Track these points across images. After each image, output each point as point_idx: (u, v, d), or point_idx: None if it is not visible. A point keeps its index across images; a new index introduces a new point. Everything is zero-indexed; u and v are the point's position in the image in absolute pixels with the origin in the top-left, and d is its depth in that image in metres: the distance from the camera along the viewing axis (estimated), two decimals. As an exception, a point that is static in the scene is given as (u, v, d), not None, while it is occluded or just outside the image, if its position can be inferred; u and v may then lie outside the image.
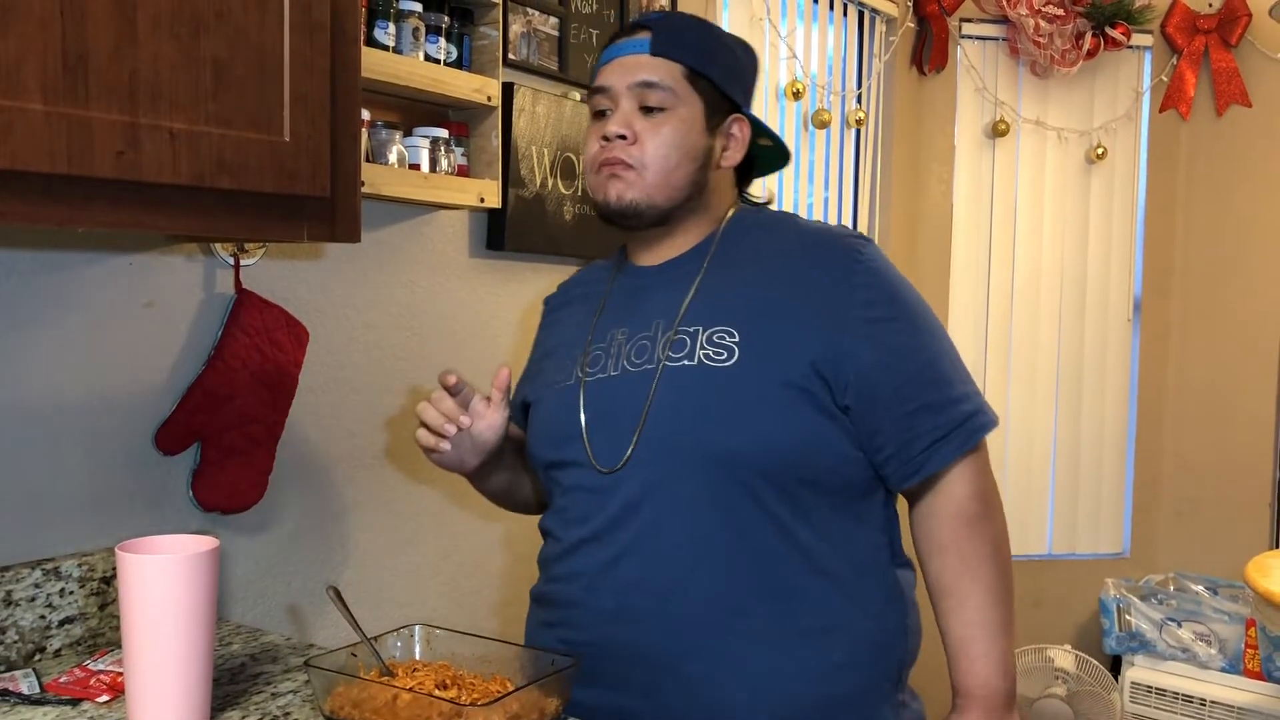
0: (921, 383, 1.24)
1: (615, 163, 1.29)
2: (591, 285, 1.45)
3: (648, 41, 1.30)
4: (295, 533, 1.71)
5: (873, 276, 1.26)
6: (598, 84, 1.33)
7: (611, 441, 1.26)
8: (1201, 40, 3.51)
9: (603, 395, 1.30)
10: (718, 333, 1.24)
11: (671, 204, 1.31)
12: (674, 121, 1.29)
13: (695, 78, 1.30)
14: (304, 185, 1.19)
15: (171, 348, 1.52)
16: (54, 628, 1.37)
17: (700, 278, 1.31)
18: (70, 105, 0.98)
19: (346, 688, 1.17)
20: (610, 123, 1.29)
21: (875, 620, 1.28)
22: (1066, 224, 3.60)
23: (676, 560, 1.23)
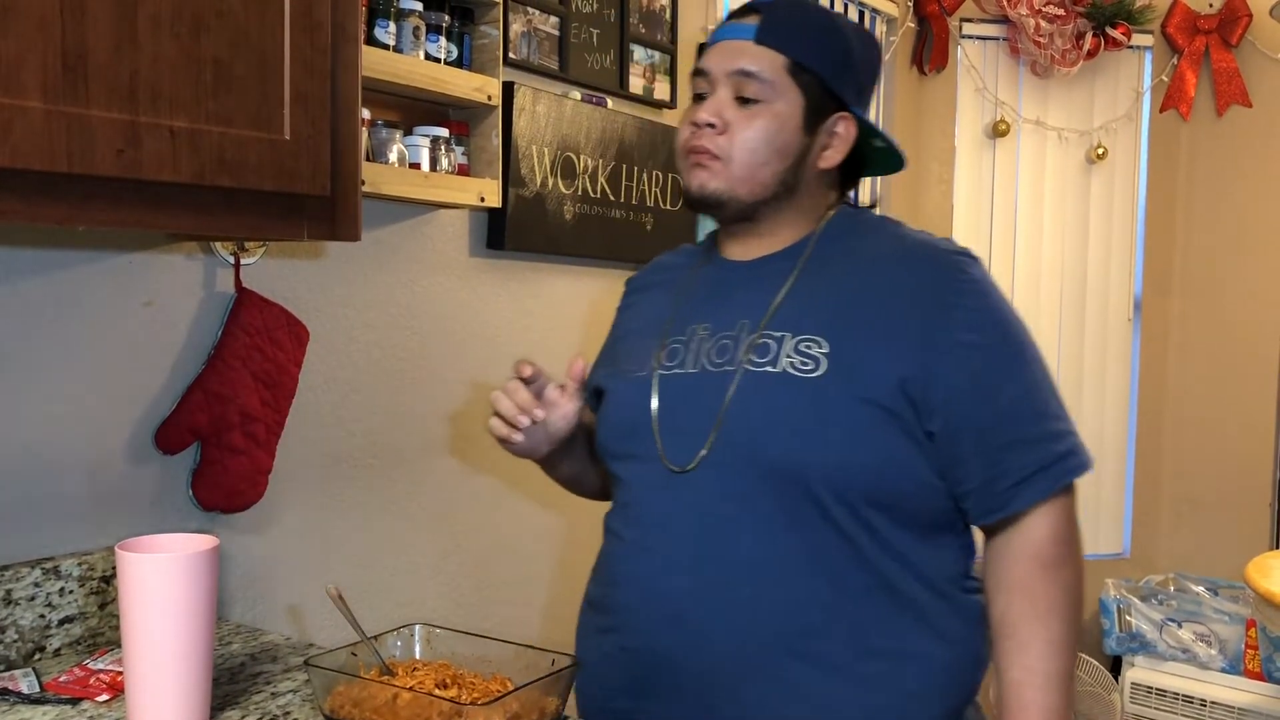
0: (1014, 416, 1.17)
1: (701, 151, 1.24)
2: (675, 271, 1.40)
3: (755, 27, 1.23)
4: (295, 532, 1.71)
5: (976, 298, 1.20)
6: (699, 66, 1.27)
7: (684, 440, 1.21)
8: (1202, 40, 3.51)
9: (678, 391, 1.24)
10: (805, 341, 1.18)
11: (755, 200, 1.24)
12: (768, 115, 1.22)
13: (799, 71, 1.23)
14: (304, 184, 1.19)
15: (171, 347, 1.52)
16: (54, 627, 1.37)
17: (792, 280, 1.24)
18: (70, 104, 0.98)
19: (346, 687, 1.17)
20: (702, 109, 1.24)
21: (951, 648, 1.21)
22: (1067, 224, 3.60)
23: (744, 573, 1.16)
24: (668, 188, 2.38)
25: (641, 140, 2.28)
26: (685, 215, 2.43)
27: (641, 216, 2.31)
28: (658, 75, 2.39)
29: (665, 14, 2.40)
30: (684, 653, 1.19)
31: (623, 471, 1.30)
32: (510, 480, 2.12)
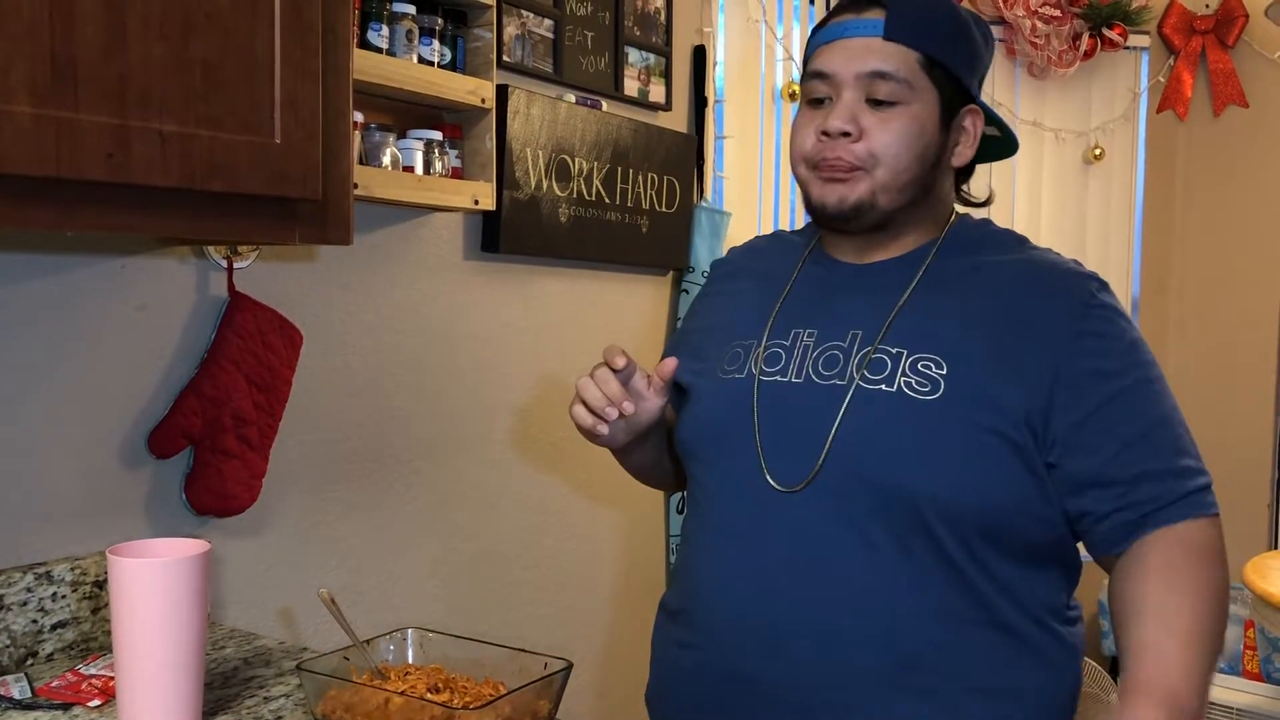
0: (1145, 449, 1.11)
1: (836, 164, 1.15)
2: (774, 262, 1.31)
3: (881, 23, 1.14)
4: (288, 536, 1.71)
5: (1106, 325, 1.13)
6: (816, 68, 1.18)
7: (788, 457, 1.14)
8: (1198, 41, 3.51)
9: (781, 402, 1.17)
10: (924, 360, 1.12)
11: (894, 208, 1.17)
12: (906, 117, 1.15)
13: (932, 66, 1.16)
14: (295, 188, 1.19)
15: (164, 350, 1.52)
16: (46, 632, 1.37)
17: (910, 292, 1.17)
18: (59, 108, 0.98)
19: (339, 691, 1.17)
20: (833, 115, 1.15)
21: (1052, 679, 1.16)
22: (1064, 225, 3.59)
23: (846, 600, 1.11)
24: (663, 190, 2.37)
25: (636, 143, 2.28)
26: (681, 217, 2.43)
27: (637, 219, 2.31)
28: (652, 78, 2.39)
29: (660, 16, 2.40)
30: (779, 681, 1.13)
31: (710, 478, 1.23)
32: (504, 484, 2.12)
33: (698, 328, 1.37)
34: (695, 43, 2.53)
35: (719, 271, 1.41)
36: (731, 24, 2.70)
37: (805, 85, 1.21)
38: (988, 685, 1.13)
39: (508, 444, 2.11)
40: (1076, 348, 1.11)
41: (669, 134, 2.38)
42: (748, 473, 1.17)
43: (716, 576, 1.19)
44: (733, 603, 1.16)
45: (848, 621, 1.11)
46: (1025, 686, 1.14)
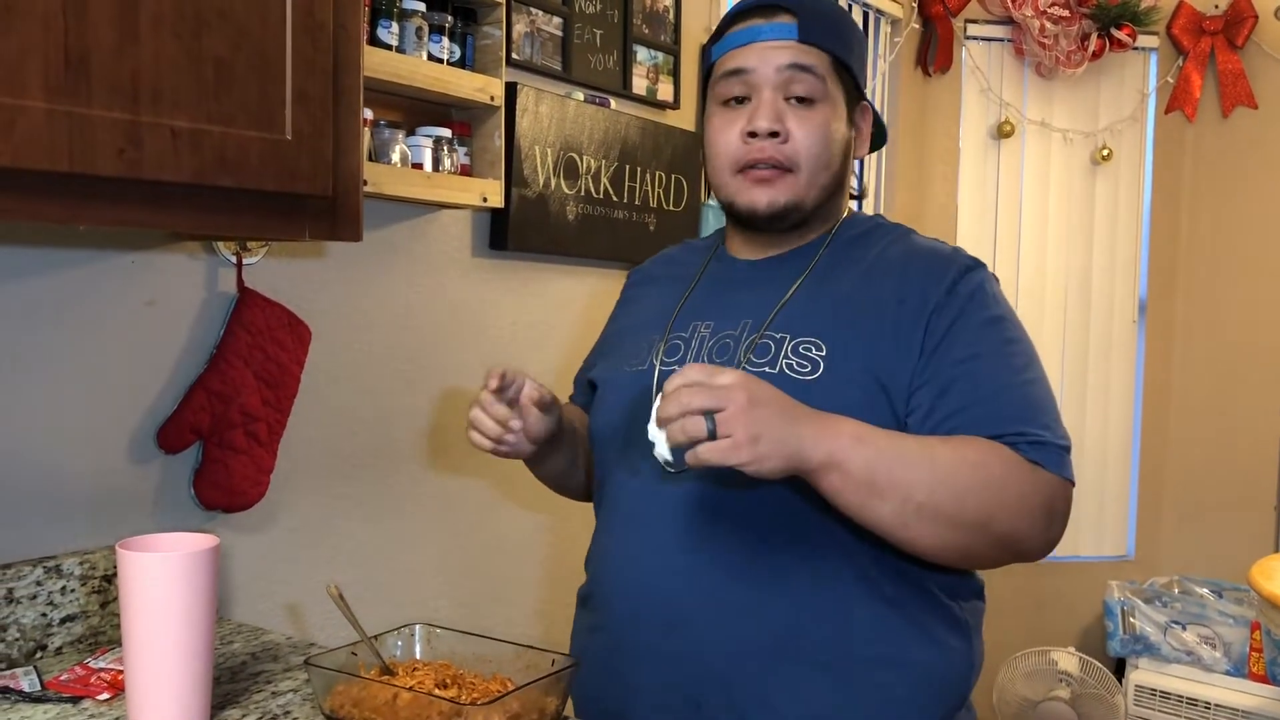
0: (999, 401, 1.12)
1: (764, 164, 1.19)
2: (680, 267, 1.37)
3: (795, 26, 1.19)
4: (296, 531, 1.71)
5: (968, 301, 1.16)
6: (734, 66, 1.21)
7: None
8: (1207, 42, 3.50)
9: None
10: (804, 343, 1.16)
11: (818, 204, 1.22)
12: (823, 115, 1.20)
13: (839, 68, 1.21)
14: (305, 184, 1.19)
15: (173, 346, 1.52)
16: (55, 625, 1.37)
17: (799, 283, 1.22)
18: (72, 103, 0.98)
19: (347, 686, 1.17)
20: (758, 116, 1.18)
21: (944, 655, 1.19)
22: (1071, 226, 3.59)
23: (736, 574, 1.16)
24: (670, 188, 2.38)
25: (645, 141, 2.28)
26: (688, 216, 2.43)
27: (644, 217, 2.31)
28: (661, 76, 2.39)
29: (669, 14, 2.40)
30: (677, 653, 1.18)
31: (614, 465, 1.28)
32: (511, 480, 2.12)
33: (611, 332, 1.44)
34: (704, 41, 2.53)
35: (631, 280, 1.48)
36: None
37: (719, 86, 1.23)
38: (876, 658, 1.15)
39: (514, 441, 2.11)
40: (944, 310, 1.15)
41: (677, 132, 2.38)
42: (642, 465, 1.22)
43: (618, 556, 1.25)
44: (634, 580, 1.22)
45: (739, 594, 1.15)
46: (912, 660, 1.17)
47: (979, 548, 1.10)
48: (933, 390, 1.14)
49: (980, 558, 1.13)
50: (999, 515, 1.07)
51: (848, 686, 1.15)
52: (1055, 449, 1.12)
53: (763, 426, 0.99)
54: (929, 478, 1.05)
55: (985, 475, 1.07)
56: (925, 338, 1.15)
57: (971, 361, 1.14)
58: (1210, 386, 3.59)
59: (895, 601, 1.17)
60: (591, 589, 1.32)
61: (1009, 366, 1.15)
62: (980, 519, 1.07)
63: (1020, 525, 1.09)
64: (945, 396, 1.13)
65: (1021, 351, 1.17)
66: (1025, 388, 1.14)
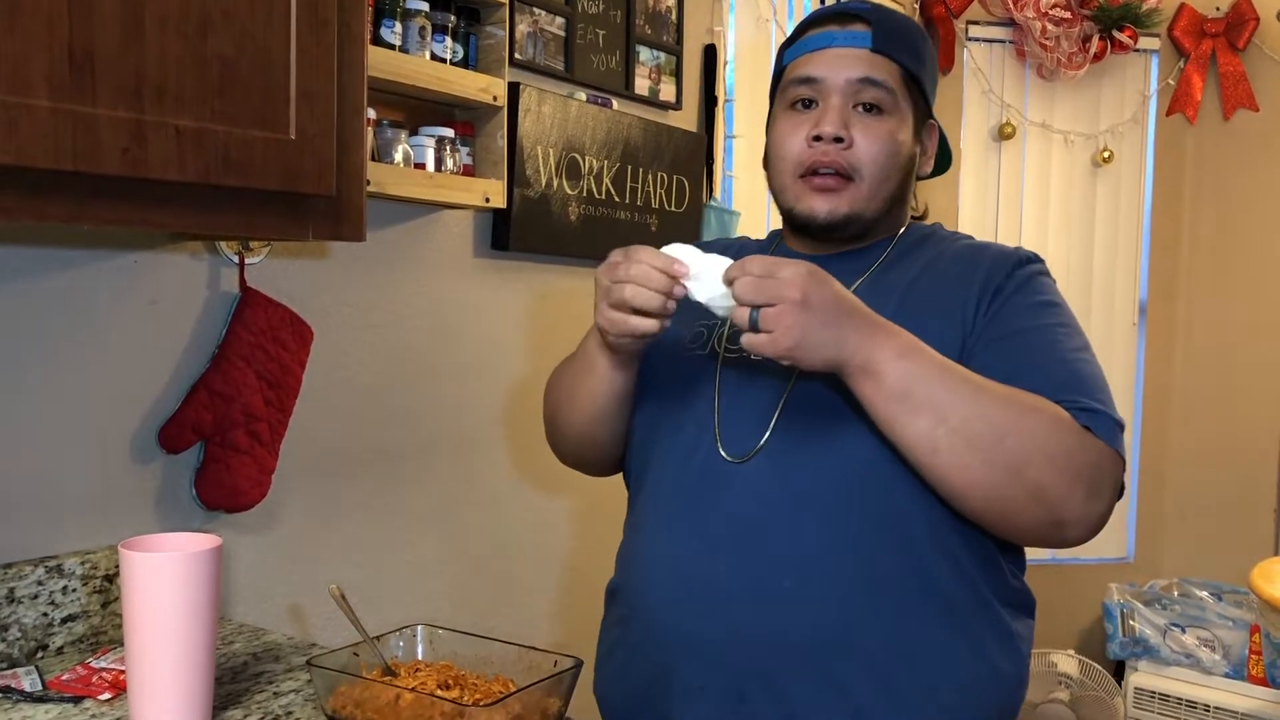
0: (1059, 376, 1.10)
1: (827, 170, 1.18)
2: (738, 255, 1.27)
3: (869, 35, 1.19)
4: (298, 532, 1.71)
5: (1025, 283, 1.17)
6: (804, 74, 1.21)
7: (741, 429, 1.17)
8: (1209, 44, 3.50)
9: (739, 377, 1.20)
10: None
11: (877, 216, 1.22)
12: (890, 126, 1.20)
13: (910, 81, 1.21)
14: (309, 184, 1.19)
15: (175, 346, 1.52)
16: (56, 625, 1.37)
17: (860, 282, 1.21)
18: (76, 102, 0.98)
19: (349, 687, 1.17)
20: (824, 120, 1.18)
21: (992, 672, 1.16)
22: (1072, 227, 3.59)
23: (787, 564, 1.12)
24: (673, 189, 2.37)
25: (647, 141, 2.28)
26: (690, 217, 2.43)
27: (647, 218, 2.31)
28: (663, 76, 2.39)
29: (671, 15, 2.40)
30: (715, 640, 1.13)
31: (666, 451, 1.23)
32: (514, 481, 2.12)
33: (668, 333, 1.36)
34: (706, 42, 2.53)
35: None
36: (742, 23, 2.70)
37: (789, 90, 1.23)
38: (924, 663, 1.12)
39: (517, 441, 2.11)
40: (1002, 290, 1.16)
41: (679, 133, 2.38)
42: (702, 444, 1.19)
43: (661, 543, 1.20)
44: (675, 565, 1.17)
45: (787, 585, 1.11)
46: (963, 671, 1.14)
47: (1013, 497, 1.04)
48: (985, 356, 1.12)
49: (1015, 514, 1.05)
50: (1037, 462, 1.02)
51: (895, 691, 1.12)
52: (1108, 419, 1.08)
53: (808, 326, 1.00)
54: (969, 404, 1.03)
55: (1032, 420, 1.03)
56: (977, 314, 1.15)
57: (1027, 334, 1.13)
58: (1210, 389, 3.59)
59: (950, 608, 1.13)
60: (623, 579, 1.26)
61: (1063, 343, 1.14)
62: (1016, 461, 1.02)
63: (1060, 483, 1.03)
64: (998, 360, 1.11)
65: (1076, 334, 1.17)
66: (1079, 363, 1.12)
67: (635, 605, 1.23)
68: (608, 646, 1.29)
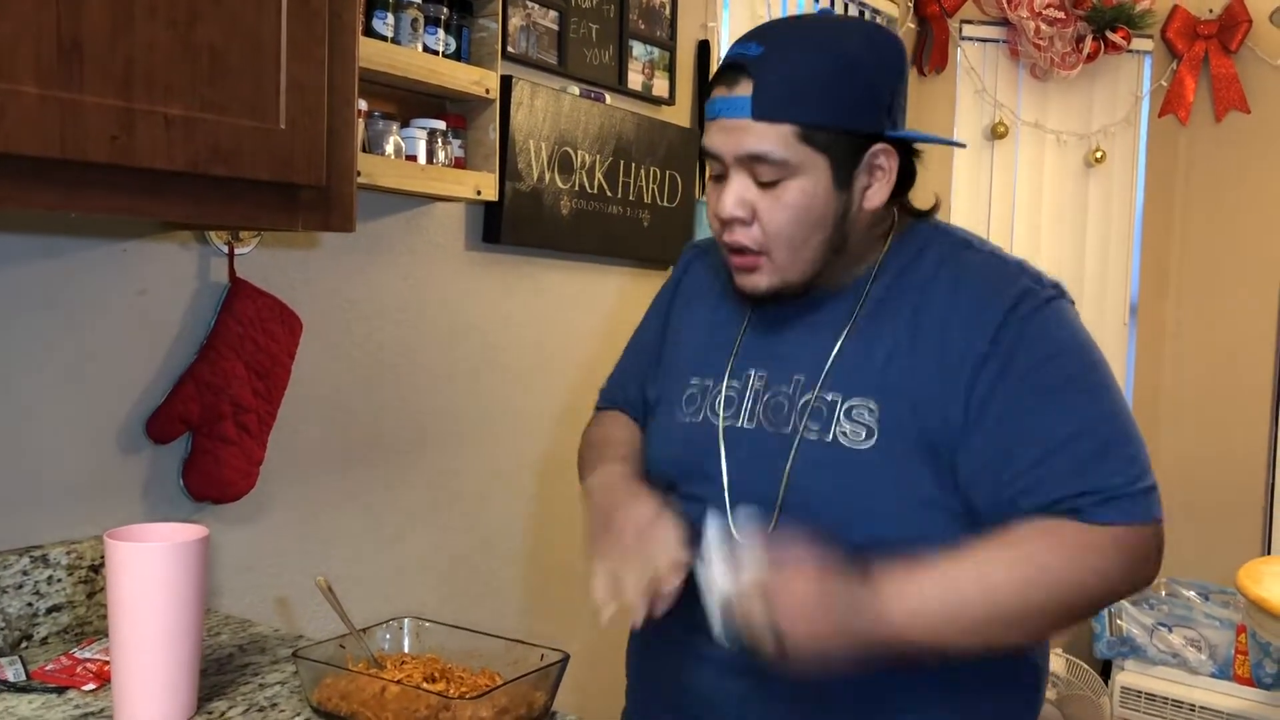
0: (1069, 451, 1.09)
1: (739, 250, 1.16)
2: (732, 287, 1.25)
3: (748, 102, 1.09)
4: (285, 524, 1.70)
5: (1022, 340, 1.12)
6: (705, 145, 1.16)
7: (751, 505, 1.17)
8: (1201, 46, 3.51)
9: (743, 451, 1.20)
10: (857, 407, 1.13)
11: (808, 278, 1.16)
12: (794, 193, 1.12)
13: (814, 133, 1.10)
14: (299, 174, 1.18)
15: (164, 336, 1.51)
16: (41, 615, 1.36)
17: (848, 329, 1.18)
18: (64, 89, 0.98)
19: (335, 679, 1.17)
20: (724, 201, 1.14)
21: (1016, 699, 1.23)
22: (1064, 227, 3.60)
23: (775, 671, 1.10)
24: (665, 184, 2.37)
25: (640, 136, 2.28)
26: (683, 212, 2.43)
27: (639, 213, 2.31)
28: (657, 72, 2.38)
29: (665, 10, 2.40)
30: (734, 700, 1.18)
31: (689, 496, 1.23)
32: (502, 475, 2.12)
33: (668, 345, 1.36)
34: (699, 37, 2.53)
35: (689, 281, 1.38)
36: (736, 19, 2.69)
37: (705, 160, 1.19)
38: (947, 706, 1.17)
39: (506, 435, 2.11)
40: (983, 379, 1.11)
41: (672, 128, 2.38)
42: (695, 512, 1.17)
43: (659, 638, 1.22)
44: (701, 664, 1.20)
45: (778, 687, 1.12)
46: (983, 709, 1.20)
47: (1080, 619, 1.14)
48: (989, 460, 1.11)
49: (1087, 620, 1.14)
50: (1079, 604, 1.10)
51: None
52: (1128, 497, 1.09)
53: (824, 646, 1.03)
54: (995, 619, 1.07)
55: (1054, 586, 1.07)
56: (970, 397, 1.12)
57: (1023, 418, 1.10)
58: (1200, 389, 3.60)
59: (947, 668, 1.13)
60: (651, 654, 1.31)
61: (1065, 414, 1.11)
62: (1062, 616, 1.10)
63: (1106, 597, 1.12)
64: (1004, 468, 1.10)
65: (1080, 387, 1.13)
66: (1083, 436, 1.10)
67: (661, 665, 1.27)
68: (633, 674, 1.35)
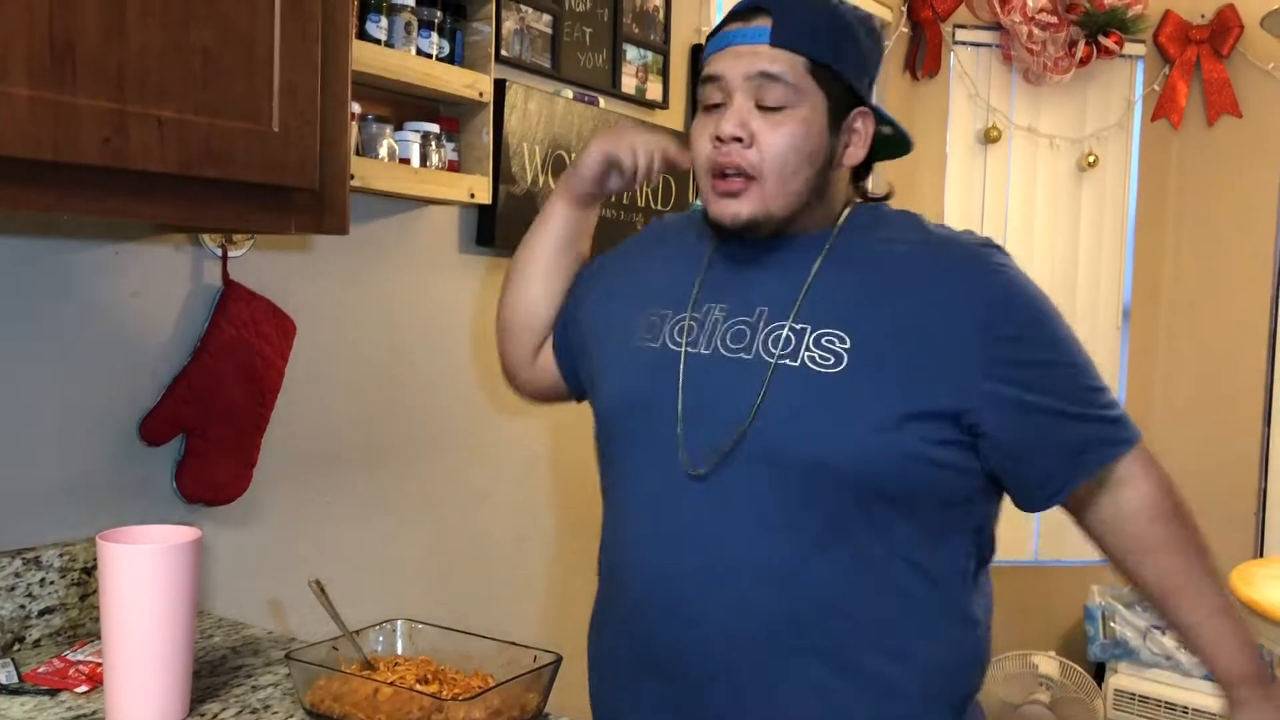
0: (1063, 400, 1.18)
1: (730, 169, 1.18)
2: (694, 239, 1.33)
3: (768, 30, 1.16)
4: (279, 525, 1.70)
5: (1009, 298, 1.18)
6: (709, 72, 1.20)
7: (703, 435, 1.17)
8: (1193, 50, 3.52)
9: (702, 377, 1.20)
10: (826, 336, 1.16)
11: (789, 213, 1.20)
12: (794, 121, 1.17)
13: (819, 70, 1.17)
14: (292, 176, 1.19)
15: (157, 338, 1.51)
16: (33, 618, 1.36)
17: (814, 271, 1.20)
18: (57, 91, 0.98)
19: (328, 681, 1.17)
20: (725, 120, 1.18)
21: (953, 652, 1.20)
22: (1057, 231, 3.61)
23: (746, 572, 1.15)
24: (659, 188, 2.38)
25: (634, 140, 2.28)
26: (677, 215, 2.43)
27: (633, 216, 2.31)
28: (650, 75, 2.39)
29: (659, 14, 2.40)
30: (689, 652, 1.18)
31: (628, 446, 1.26)
32: (495, 477, 2.12)
33: (612, 280, 1.38)
34: (693, 41, 2.53)
35: (653, 232, 1.45)
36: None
37: (701, 91, 1.24)
38: (884, 649, 1.16)
39: (499, 438, 2.11)
40: (987, 334, 1.15)
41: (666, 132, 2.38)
42: (662, 455, 1.19)
43: (630, 560, 1.24)
44: (644, 568, 1.21)
45: (747, 591, 1.15)
46: (922, 654, 1.18)
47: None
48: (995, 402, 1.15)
49: None
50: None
51: (858, 679, 1.16)
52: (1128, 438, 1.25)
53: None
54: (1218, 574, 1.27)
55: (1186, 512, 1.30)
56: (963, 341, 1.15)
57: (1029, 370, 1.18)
58: (1193, 393, 3.61)
59: (909, 598, 1.17)
60: (609, 571, 1.30)
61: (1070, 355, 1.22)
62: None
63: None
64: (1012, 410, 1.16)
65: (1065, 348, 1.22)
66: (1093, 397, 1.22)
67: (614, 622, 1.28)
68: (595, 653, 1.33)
